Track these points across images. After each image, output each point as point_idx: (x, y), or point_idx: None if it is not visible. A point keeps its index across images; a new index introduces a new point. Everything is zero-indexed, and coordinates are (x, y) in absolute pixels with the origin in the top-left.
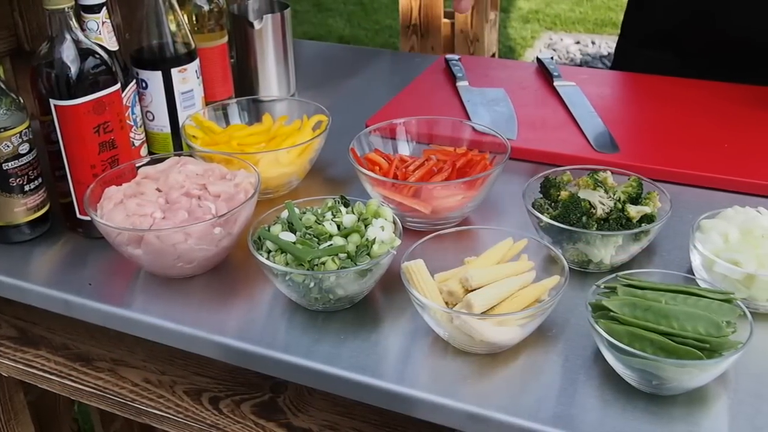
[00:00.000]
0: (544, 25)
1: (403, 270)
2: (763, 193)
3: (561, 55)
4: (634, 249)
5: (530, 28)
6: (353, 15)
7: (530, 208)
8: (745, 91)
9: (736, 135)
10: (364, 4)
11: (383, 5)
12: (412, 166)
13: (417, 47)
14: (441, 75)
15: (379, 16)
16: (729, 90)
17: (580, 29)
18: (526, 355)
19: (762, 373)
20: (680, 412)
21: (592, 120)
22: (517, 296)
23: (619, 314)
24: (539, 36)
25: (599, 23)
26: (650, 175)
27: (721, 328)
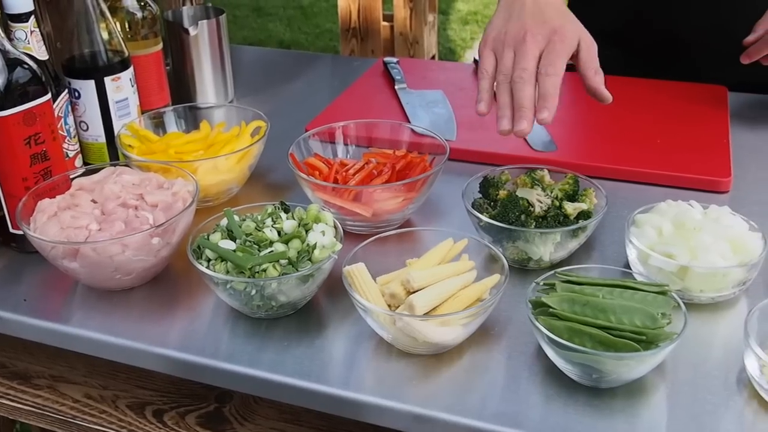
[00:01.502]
0: (483, 26)
1: (345, 274)
2: (694, 187)
3: None
4: (572, 245)
5: (469, 29)
6: (293, 19)
7: (470, 208)
8: (680, 87)
9: (669, 131)
10: (303, 8)
11: (323, 9)
12: (352, 169)
13: (357, 51)
14: (380, 78)
15: (320, 20)
16: (665, 87)
17: None
18: (469, 355)
19: (698, 362)
20: (621, 404)
21: None
22: (458, 296)
23: (558, 310)
24: (478, 37)
25: None
26: (587, 172)
27: (656, 320)
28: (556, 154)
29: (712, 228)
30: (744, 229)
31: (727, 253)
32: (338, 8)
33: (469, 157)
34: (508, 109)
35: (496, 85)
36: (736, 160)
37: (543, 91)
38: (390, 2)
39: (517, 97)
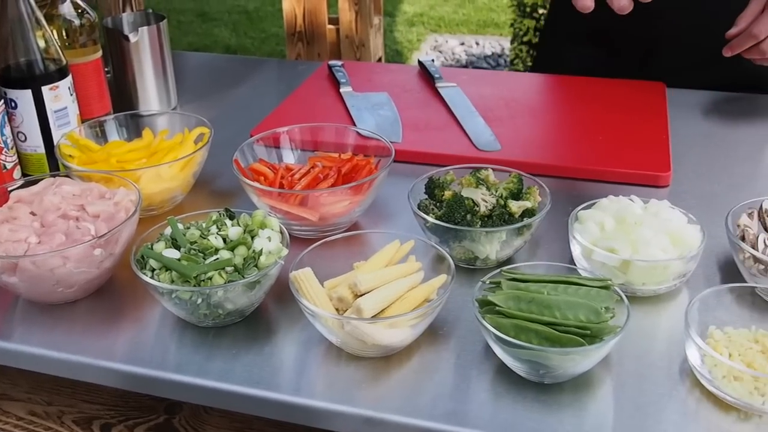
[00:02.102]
0: (429, 27)
1: (292, 279)
2: (635, 182)
3: (447, 57)
4: (517, 243)
5: (416, 31)
6: (239, 24)
7: (416, 210)
8: (620, 84)
9: (611, 127)
10: (249, 12)
11: (269, 13)
12: (298, 174)
13: (304, 54)
14: (325, 81)
15: (266, 25)
16: (605, 84)
17: (464, 30)
18: (419, 355)
19: (641, 354)
20: (568, 399)
21: (473, 119)
22: (406, 297)
23: (505, 308)
24: (425, 39)
25: (482, 24)
26: (531, 170)
27: (600, 314)
28: (500, 153)
29: (652, 222)
30: (683, 222)
31: (667, 246)
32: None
33: (415, 158)
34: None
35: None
36: (675, 154)
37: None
38: (335, 5)
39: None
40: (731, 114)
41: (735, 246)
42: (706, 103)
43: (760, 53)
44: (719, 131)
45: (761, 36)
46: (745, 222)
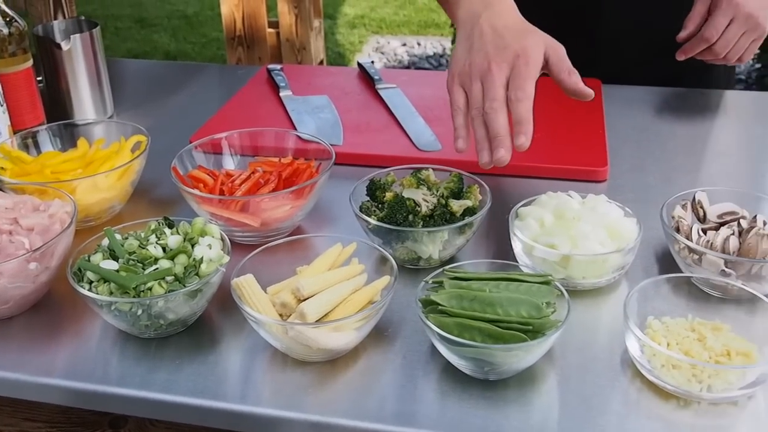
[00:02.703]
0: (370, 29)
1: (233, 286)
2: (574, 177)
3: (389, 58)
4: (460, 242)
5: (357, 33)
6: (178, 29)
7: (358, 212)
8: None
9: (549, 124)
10: (188, 17)
11: (209, 18)
12: (238, 180)
13: (244, 59)
14: (265, 86)
15: (206, 29)
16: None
17: (406, 31)
18: (365, 358)
19: (584, 347)
20: (514, 394)
21: (414, 120)
22: (350, 300)
23: (448, 307)
24: (367, 40)
25: (423, 25)
26: (471, 168)
27: (541, 309)
28: (441, 153)
29: (590, 216)
30: (620, 216)
31: (605, 240)
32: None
33: (356, 160)
34: (485, 142)
35: (470, 120)
36: (612, 149)
37: (516, 116)
38: (275, 9)
39: (492, 127)
40: (664, 109)
41: (670, 237)
42: (640, 98)
43: (713, 55)
44: (653, 125)
45: (713, 39)
46: (679, 213)
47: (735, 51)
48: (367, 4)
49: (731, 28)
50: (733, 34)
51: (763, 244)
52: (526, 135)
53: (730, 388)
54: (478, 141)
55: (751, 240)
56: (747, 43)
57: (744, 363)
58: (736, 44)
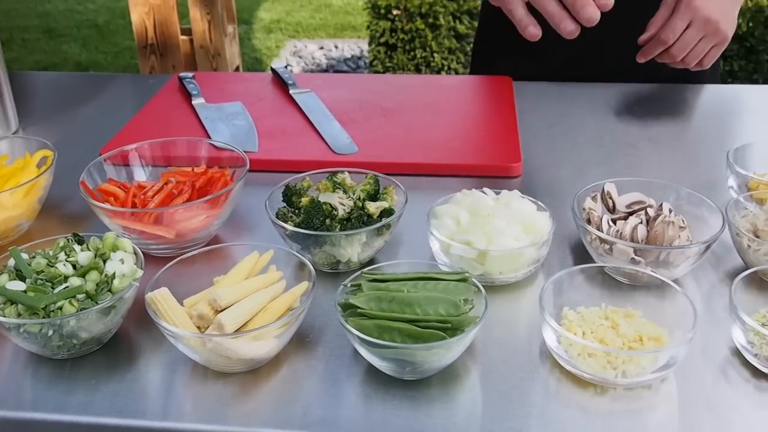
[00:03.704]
0: (287, 33)
1: (148, 301)
2: (489, 174)
3: (307, 62)
4: (378, 244)
5: (274, 37)
6: (89, 39)
7: (274, 219)
8: (469, 81)
9: (463, 123)
10: (99, 26)
11: (120, 26)
12: (151, 191)
13: (158, 67)
14: (177, 95)
15: (118, 38)
16: (455, 81)
17: (323, 35)
18: (287, 365)
19: (504, 341)
20: (437, 392)
21: (329, 124)
22: (268, 308)
23: (366, 309)
24: (284, 45)
25: (339, 28)
26: (389, 170)
27: (459, 306)
28: (357, 155)
29: (504, 212)
30: (533, 210)
31: (520, 235)
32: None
33: (272, 166)
34: (562, 12)
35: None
36: (525, 145)
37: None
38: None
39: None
40: (574, 103)
41: (582, 229)
42: (550, 94)
43: (671, 57)
44: (564, 120)
45: (669, 41)
46: (589, 205)
47: (693, 55)
48: (282, 8)
49: (689, 31)
50: (690, 37)
51: (669, 231)
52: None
53: (643, 373)
54: (552, 15)
55: (657, 228)
56: (706, 47)
57: (655, 347)
58: (695, 48)
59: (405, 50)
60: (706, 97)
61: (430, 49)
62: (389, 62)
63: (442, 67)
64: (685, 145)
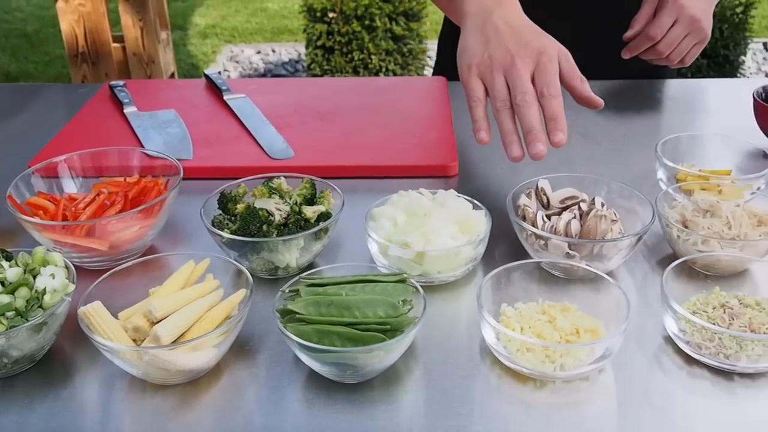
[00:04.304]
0: (223, 38)
1: (81, 316)
2: (426, 174)
3: (245, 67)
4: (316, 248)
5: (210, 43)
6: (18, 49)
7: (210, 227)
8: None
9: (400, 124)
10: (28, 35)
11: (50, 35)
12: (82, 203)
13: (90, 76)
14: (108, 103)
15: (48, 47)
16: (391, 83)
17: (259, 39)
18: (228, 374)
19: (444, 339)
20: (379, 395)
21: (265, 129)
22: (206, 318)
23: (305, 314)
24: (220, 50)
25: (276, 32)
26: (326, 173)
27: (397, 308)
28: (293, 160)
29: (441, 212)
30: (468, 209)
31: (456, 234)
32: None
33: (208, 173)
34: (515, 135)
35: (495, 112)
36: (461, 144)
37: (550, 112)
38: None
39: (526, 120)
40: None
41: (517, 225)
42: None
43: (656, 54)
44: None
45: (657, 37)
46: (524, 202)
47: (677, 52)
48: (217, 13)
49: (675, 28)
50: (676, 34)
51: (601, 225)
52: (563, 131)
53: (580, 365)
54: (506, 134)
55: (590, 222)
56: (690, 45)
57: (592, 339)
58: (679, 45)
59: (342, 53)
60: (638, 92)
61: (368, 51)
62: (327, 65)
63: (380, 69)
64: (618, 140)
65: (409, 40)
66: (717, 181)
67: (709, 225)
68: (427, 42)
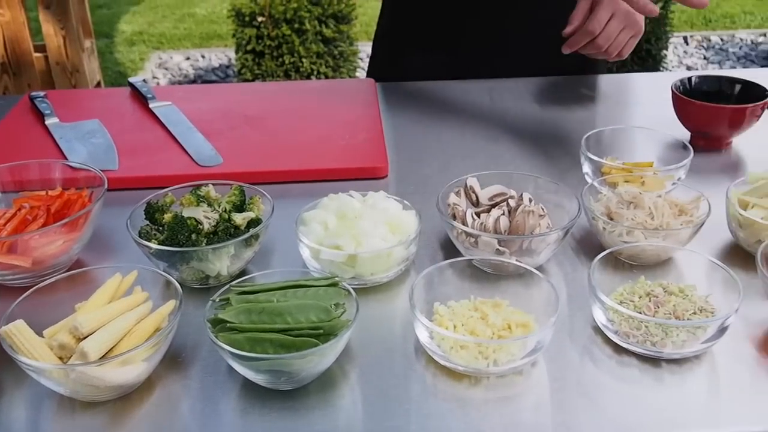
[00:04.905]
0: (151, 45)
1: (2, 335)
2: (357, 177)
3: (174, 73)
4: (248, 255)
5: (137, 50)
6: None
7: (137, 238)
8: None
9: (329, 127)
10: None
11: None
12: (2, 219)
13: (12, 87)
14: (29, 115)
15: None
16: (319, 86)
17: (188, 45)
18: (161, 388)
19: (379, 341)
20: (315, 400)
21: (192, 136)
22: (135, 331)
23: (236, 323)
24: (148, 57)
25: (205, 37)
26: (256, 179)
27: (330, 312)
28: (222, 166)
29: (371, 214)
30: (399, 210)
31: (387, 235)
32: None
33: (135, 183)
34: None
35: None
36: (391, 145)
37: None
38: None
39: None
40: (436, 100)
41: (448, 224)
42: (413, 92)
43: (596, 48)
44: (427, 118)
45: (596, 32)
46: (454, 200)
47: (615, 45)
48: (144, 19)
49: (612, 22)
50: (613, 28)
51: (529, 220)
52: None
53: (513, 359)
54: None
55: (518, 218)
56: (626, 38)
57: (523, 334)
58: (617, 39)
59: (273, 57)
60: (566, 89)
61: (298, 55)
62: (258, 70)
63: (312, 72)
64: (545, 136)
65: (339, 43)
66: (640, 173)
67: (632, 216)
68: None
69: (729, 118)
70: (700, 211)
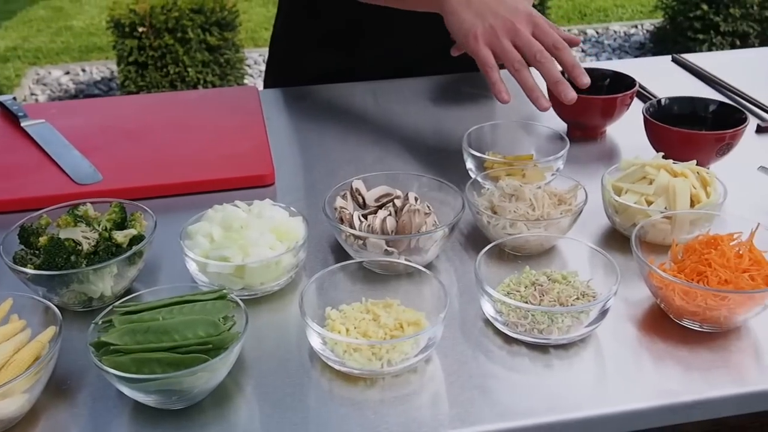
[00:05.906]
0: (26, 61)
1: None
2: (243, 186)
3: (53, 89)
4: (132, 273)
5: (12, 66)
6: None
7: (11, 264)
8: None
9: (212, 137)
10: None
11: None
12: None
13: None
14: None
15: None
16: (201, 96)
17: (67, 59)
18: (45, 419)
19: (274, 350)
20: (211, 416)
21: (68, 154)
22: (12, 362)
23: (121, 345)
24: (24, 73)
25: (84, 50)
26: (138, 194)
27: (218, 325)
28: (102, 184)
29: (257, 223)
30: (285, 217)
31: (275, 243)
32: None
33: (8, 207)
34: (538, 89)
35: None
36: (277, 152)
37: (568, 62)
38: None
39: (552, 73)
40: (318, 105)
41: (335, 228)
42: (296, 98)
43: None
44: (311, 123)
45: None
46: (340, 204)
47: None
48: (17, 34)
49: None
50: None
51: (416, 219)
52: (585, 74)
53: (407, 358)
54: (531, 89)
55: (405, 217)
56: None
57: (415, 331)
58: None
59: (157, 67)
60: (448, 87)
61: (183, 64)
62: (142, 81)
63: (198, 81)
64: (429, 134)
65: (225, 50)
66: (521, 166)
67: (514, 209)
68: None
69: (601, 108)
70: (578, 199)
